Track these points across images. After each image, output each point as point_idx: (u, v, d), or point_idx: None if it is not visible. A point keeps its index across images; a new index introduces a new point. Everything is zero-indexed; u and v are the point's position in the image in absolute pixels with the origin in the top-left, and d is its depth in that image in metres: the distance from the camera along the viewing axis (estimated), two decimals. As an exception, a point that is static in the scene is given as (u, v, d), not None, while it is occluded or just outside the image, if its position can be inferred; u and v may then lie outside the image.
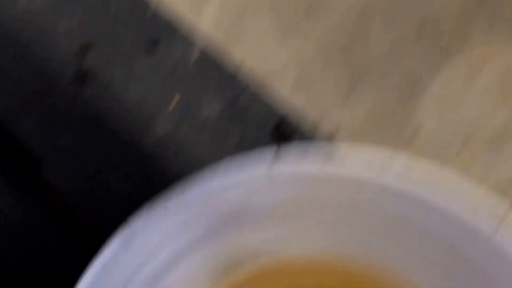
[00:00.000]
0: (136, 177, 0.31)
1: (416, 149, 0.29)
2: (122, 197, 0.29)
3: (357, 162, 0.17)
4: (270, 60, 0.33)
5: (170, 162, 0.31)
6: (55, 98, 0.34)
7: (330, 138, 0.31)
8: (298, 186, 0.18)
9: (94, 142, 0.31)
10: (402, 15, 0.32)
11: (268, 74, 0.32)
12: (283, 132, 0.31)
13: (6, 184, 0.29)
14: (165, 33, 0.36)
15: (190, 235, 0.17)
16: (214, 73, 0.34)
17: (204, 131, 0.31)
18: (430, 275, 0.20)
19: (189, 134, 0.31)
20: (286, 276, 0.20)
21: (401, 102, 0.30)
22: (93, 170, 0.30)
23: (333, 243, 0.20)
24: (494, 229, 0.17)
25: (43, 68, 0.35)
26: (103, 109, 0.33)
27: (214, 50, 0.35)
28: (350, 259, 0.21)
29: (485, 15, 0.31)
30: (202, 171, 0.17)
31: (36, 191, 0.29)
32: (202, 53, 0.35)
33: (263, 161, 0.16)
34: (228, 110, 0.32)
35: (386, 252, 0.20)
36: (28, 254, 0.29)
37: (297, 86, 0.31)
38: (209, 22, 0.34)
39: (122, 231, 0.16)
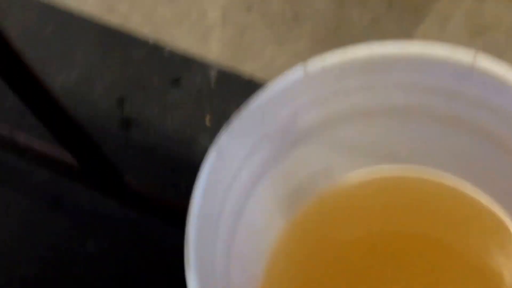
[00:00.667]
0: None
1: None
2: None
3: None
4: (275, 63, 0.39)
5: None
6: (109, 145, 0.40)
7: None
8: (342, 83, 0.20)
9: (153, 167, 0.37)
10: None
11: (278, 75, 0.38)
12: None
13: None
14: (183, 68, 0.43)
15: (260, 156, 0.20)
16: (232, 86, 0.40)
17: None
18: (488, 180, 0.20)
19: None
20: (351, 199, 0.22)
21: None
22: (159, 188, 0.36)
23: (387, 156, 0.22)
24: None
25: (91, 125, 0.42)
26: (150, 144, 0.39)
27: (227, 69, 0.41)
28: (407, 170, 0.22)
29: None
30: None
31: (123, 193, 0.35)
32: (218, 74, 0.41)
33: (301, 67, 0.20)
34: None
35: (439, 157, 0.21)
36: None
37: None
38: (217, 48, 0.41)
39: (214, 147, 0.20)
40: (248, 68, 0.39)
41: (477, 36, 0.36)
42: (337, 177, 0.23)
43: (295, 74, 0.22)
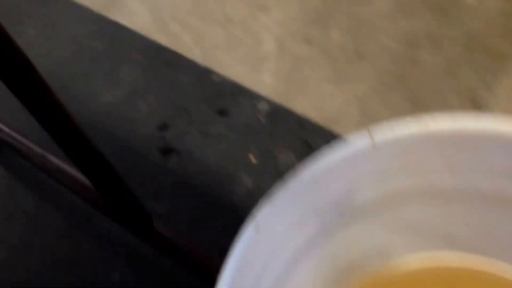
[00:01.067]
0: (231, 228, 0.34)
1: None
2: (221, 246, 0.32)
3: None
4: (332, 103, 0.36)
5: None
6: (145, 172, 0.38)
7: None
8: (400, 159, 0.17)
9: (188, 200, 0.35)
10: (447, 34, 0.35)
11: (333, 117, 0.36)
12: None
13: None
14: (232, 97, 0.41)
15: (305, 231, 0.18)
16: (283, 124, 0.38)
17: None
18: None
19: (272, 185, 0.35)
20: (404, 286, 0.20)
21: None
22: (189, 231, 0.34)
23: (448, 241, 0.19)
24: None
25: (129, 149, 0.41)
26: (189, 174, 0.37)
27: (278, 104, 0.39)
28: (466, 259, 0.19)
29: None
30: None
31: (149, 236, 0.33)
32: (268, 108, 0.39)
33: (361, 138, 0.17)
34: (302, 154, 0.35)
35: (500, 243, 0.19)
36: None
37: (362, 123, 0.34)
38: (270, 80, 0.39)
39: (251, 220, 0.17)
40: (301, 105, 0.37)
41: None
42: (392, 259, 0.20)
43: (358, 142, 0.19)
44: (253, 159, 0.36)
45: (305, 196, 0.18)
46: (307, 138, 0.36)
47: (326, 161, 0.18)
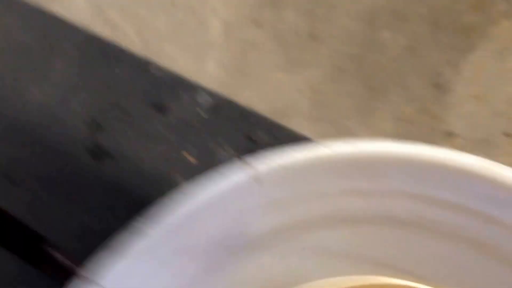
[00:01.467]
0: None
1: (456, 146, 0.27)
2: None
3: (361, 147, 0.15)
4: (282, 94, 0.33)
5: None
6: (74, 177, 0.35)
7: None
8: (289, 188, 0.16)
9: (119, 212, 0.31)
10: (412, 10, 0.32)
11: (283, 109, 0.32)
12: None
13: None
14: (172, 91, 0.37)
15: (183, 275, 0.16)
16: (226, 119, 0.34)
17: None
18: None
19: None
20: None
21: (429, 104, 0.29)
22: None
23: (369, 263, 0.18)
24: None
25: (58, 152, 0.37)
26: (124, 180, 0.34)
27: (223, 96, 0.35)
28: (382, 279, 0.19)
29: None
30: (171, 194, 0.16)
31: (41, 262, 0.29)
32: (212, 102, 0.35)
33: (242, 168, 0.16)
34: (245, 152, 0.32)
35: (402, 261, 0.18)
36: None
37: (314, 115, 0.31)
38: (214, 70, 0.35)
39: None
40: (247, 96, 0.33)
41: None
42: (306, 285, 0.18)
43: (236, 176, 0.16)
44: (191, 159, 0.32)
45: (171, 240, 0.15)
46: (251, 134, 0.32)
47: (197, 199, 0.16)
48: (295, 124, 0.31)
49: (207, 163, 0.33)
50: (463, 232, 0.16)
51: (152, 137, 0.35)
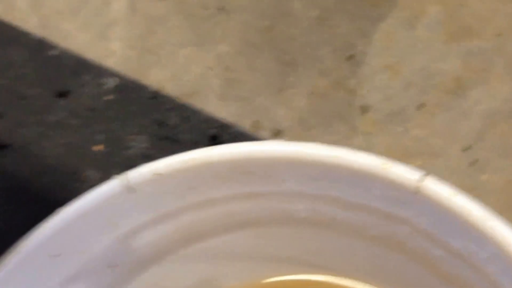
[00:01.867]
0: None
1: (372, 120, 0.27)
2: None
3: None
4: (191, 72, 0.31)
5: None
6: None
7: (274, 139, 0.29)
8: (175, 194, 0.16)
9: (22, 207, 0.29)
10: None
11: (192, 89, 0.30)
12: (220, 143, 0.29)
13: None
14: (74, 75, 0.35)
15: None
16: (134, 102, 0.32)
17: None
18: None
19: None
20: None
21: (343, 77, 0.29)
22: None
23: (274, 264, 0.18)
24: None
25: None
26: (25, 174, 0.31)
27: (129, 78, 0.33)
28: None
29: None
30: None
31: None
32: (117, 85, 0.33)
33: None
34: (156, 138, 0.30)
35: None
36: None
37: (225, 93, 0.29)
38: (119, 49, 0.33)
39: None
40: (155, 77, 0.31)
41: (457, 40, 0.29)
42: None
43: (109, 186, 0.16)
44: (98, 148, 0.30)
45: (44, 267, 0.14)
46: (162, 117, 0.31)
47: (63, 220, 0.15)
48: (207, 104, 0.30)
49: (116, 151, 0.31)
50: (366, 229, 0.16)
51: (53, 124, 0.33)
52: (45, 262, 0.16)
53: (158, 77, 0.31)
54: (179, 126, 0.30)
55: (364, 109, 0.28)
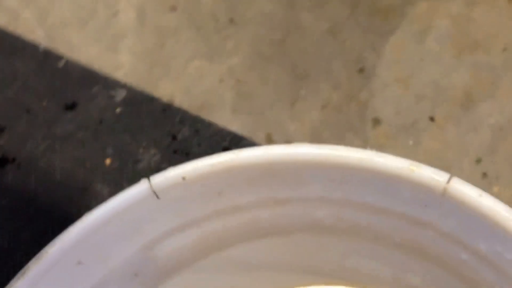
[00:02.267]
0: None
1: (384, 133, 0.28)
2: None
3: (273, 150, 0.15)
4: (203, 84, 0.32)
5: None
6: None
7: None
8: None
9: (29, 224, 0.29)
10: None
11: (204, 101, 0.31)
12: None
13: None
14: (83, 86, 0.35)
15: None
16: (144, 115, 0.33)
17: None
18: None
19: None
20: None
21: (355, 90, 0.29)
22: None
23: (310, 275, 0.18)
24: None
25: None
26: (31, 190, 0.31)
27: (139, 90, 0.33)
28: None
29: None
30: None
31: None
32: (127, 97, 0.33)
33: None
34: (168, 151, 0.30)
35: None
36: None
37: (237, 106, 0.30)
38: (128, 61, 0.33)
39: None
40: (165, 89, 0.32)
41: (465, 54, 0.30)
42: None
43: (134, 191, 0.16)
44: (108, 161, 0.30)
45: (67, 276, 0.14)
46: (173, 130, 0.31)
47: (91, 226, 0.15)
48: (219, 117, 0.30)
49: (126, 165, 0.32)
50: (390, 236, 0.17)
51: (60, 138, 0.33)
52: (71, 270, 0.16)
53: (168, 90, 0.31)
54: (191, 139, 0.30)
55: (376, 122, 0.29)
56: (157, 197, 0.15)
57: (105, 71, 0.34)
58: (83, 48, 0.35)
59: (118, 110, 0.32)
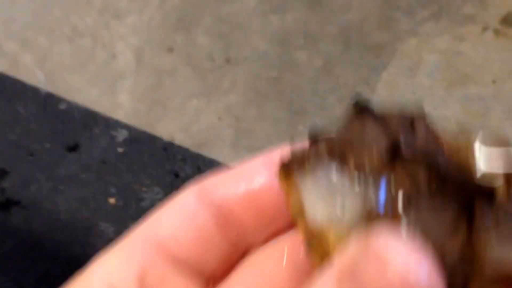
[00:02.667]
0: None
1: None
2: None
3: None
4: (201, 122, 0.33)
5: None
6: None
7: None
8: None
9: (35, 265, 0.30)
10: (323, 30, 0.33)
11: (204, 139, 0.32)
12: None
13: None
14: (84, 128, 0.36)
15: None
16: (145, 154, 0.34)
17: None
18: None
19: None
20: None
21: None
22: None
23: None
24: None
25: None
26: (36, 231, 0.32)
27: (140, 130, 0.35)
28: None
29: (404, 4, 0.33)
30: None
31: None
32: (128, 136, 0.35)
33: None
34: (170, 188, 0.31)
35: None
36: None
37: (236, 143, 0.31)
38: (127, 101, 0.35)
39: None
40: (165, 128, 0.33)
41: (455, 87, 0.31)
42: None
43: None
44: (112, 201, 0.31)
45: None
46: (175, 168, 0.32)
47: None
48: (218, 154, 0.31)
49: (130, 203, 0.33)
50: None
51: (64, 179, 0.34)
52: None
53: (168, 129, 0.33)
54: (192, 176, 0.31)
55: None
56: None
57: (106, 112, 0.35)
58: (83, 90, 0.36)
59: (120, 150, 0.33)
